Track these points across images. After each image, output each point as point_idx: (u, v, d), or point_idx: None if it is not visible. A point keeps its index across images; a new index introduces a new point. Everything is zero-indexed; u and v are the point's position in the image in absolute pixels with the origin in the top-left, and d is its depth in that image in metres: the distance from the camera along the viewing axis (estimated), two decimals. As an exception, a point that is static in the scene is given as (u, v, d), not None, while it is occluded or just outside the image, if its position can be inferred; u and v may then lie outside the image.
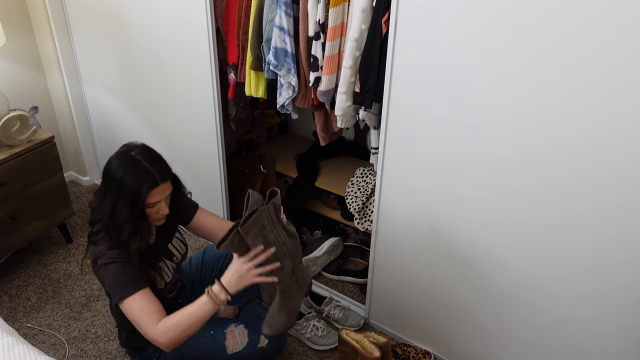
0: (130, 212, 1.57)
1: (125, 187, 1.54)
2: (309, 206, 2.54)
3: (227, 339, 1.82)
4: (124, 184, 1.54)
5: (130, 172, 1.55)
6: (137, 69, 2.38)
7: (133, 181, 1.54)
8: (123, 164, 1.56)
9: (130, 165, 1.56)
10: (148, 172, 1.56)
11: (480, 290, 1.81)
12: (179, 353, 1.82)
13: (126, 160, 1.57)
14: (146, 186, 1.55)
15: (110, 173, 1.57)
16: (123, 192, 1.55)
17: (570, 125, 1.40)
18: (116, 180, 1.55)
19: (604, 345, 1.64)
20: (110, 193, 1.57)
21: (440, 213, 1.77)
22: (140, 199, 1.56)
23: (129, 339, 1.85)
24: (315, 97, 1.94)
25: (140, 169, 1.56)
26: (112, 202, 1.57)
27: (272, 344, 1.85)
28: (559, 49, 1.33)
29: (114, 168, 1.57)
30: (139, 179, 1.55)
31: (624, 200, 1.41)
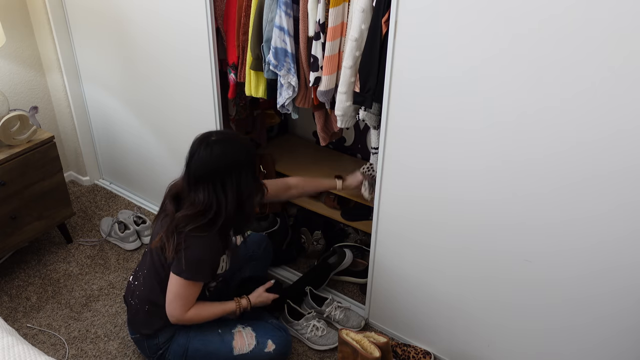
0: (253, 180, 1.73)
1: (241, 158, 1.69)
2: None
3: (235, 339, 1.83)
4: (239, 157, 1.68)
5: (235, 146, 1.69)
6: (137, 69, 2.38)
7: (242, 150, 1.70)
8: (224, 146, 1.67)
9: (228, 143, 1.69)
10: (242, 140, 1.74)
11: (481, 290, 1.81)
12: (184, 347, 1.83)
13: (222, 143, 1.68)
14: (252, 149, 1.76)
15: (220, 160, 1.66)
16: (241, 163, 1.68)
17: (570, 129, 1.40)
18: (231, 159, 1.67)
19: (604, 346, 1.64)
20: (228, 178, 1.66)
21: (440, 214, 1.77)
22: (255, 162, 1.75)
23: (143, 320, 1.86)
24: (315, 97, 1.94)
25: (236, 140, 1.72)
26: (235, 182, 1.67)
27: (279, 351, 1.86)
28: (560, 53, 1.33)
29: (221, 154, 1.66)
30: (244, 146, 1.71)
31: (624, 203, 1.41)
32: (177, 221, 1.69)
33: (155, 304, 1.83)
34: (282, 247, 2.49)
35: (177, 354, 1.84)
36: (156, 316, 1.83)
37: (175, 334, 1.85)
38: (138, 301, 1.87)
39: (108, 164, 2.94)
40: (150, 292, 1.84)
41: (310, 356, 2.10)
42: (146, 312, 1.85)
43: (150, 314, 1.84)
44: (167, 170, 2.57)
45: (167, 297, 1.76)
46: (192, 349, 1.83)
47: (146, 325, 1.85)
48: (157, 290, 1.81)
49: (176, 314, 1.77)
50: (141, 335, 1.89)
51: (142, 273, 1.87)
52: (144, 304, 1.85)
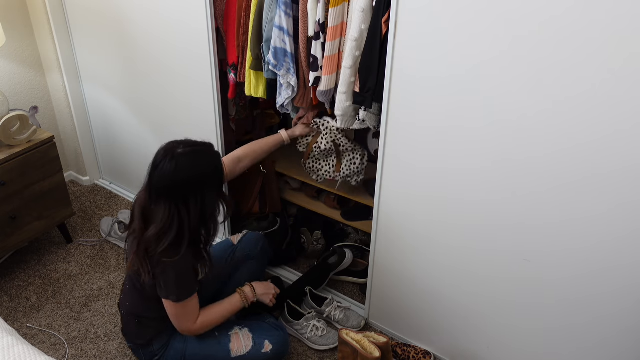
0: (218, 190, 1.66)
1: (207, 175, 1.60)
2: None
3: (232, 342, 1.83)
4: (205, 174, 1.60)
5: (202, 160, 1.61)
6: (137, 69, 2.38)
7: (210, 166, 1.62)
8: (190, 160, 1.59)
9: (195, 157, 1.60)
10: (209, 151, 1.65)
11: (481, 290, 1.81)
12: (182, 352, 1.82)
13: (188, 156, 1.59)
14: (220, 164, 1.65)
15: (184, 174, 1.57)
16: (207, 178, 1.60)
17: (569, 129, 1.40)
18: (196, 175, 1.58)
19: (603, 346, 1.64)
20: (191, 195, 1.58)
21: (440, 213, 1.77)
22: (222, 176, 1.65)
23: (135, 331, 1.85)
24: (314, 97, 1.94)
25: (204, 152, 1.63)
26: (200, 198, 1.59)
27: (276, 351, 1.86)
28: (560, 54, 1.33)
29: (186, 168, 1.57)
30: (212, 161, 1.63)
31: (624, 202, 1.41)
32: (146, 244, 1.63)
33: (142, 316, 1.83)
34: (282, 247, 2.49)
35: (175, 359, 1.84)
36: (146, 327, 1.83)
37: (170, 340, 1.84)
38: (126, 314, 1.87)
39: (108, 164, 2.94)
40: (134, 307, 1.84)
41: (310, 356, 2.09)
42: (136, 323, 1.84)
43: (140, 325, 1.84)
44: (167, 170, 2.57)
45: (170, 317, 1.75)
46: (190, 354, 1.82)
47: (138, 336, 1.85)
48: (141, 304, 1.81)
49: (186, 329, 1.77)
50: (135, 345, 1.89)
51: (125, 288, 1.87)
52: (132, 317, 1.85)
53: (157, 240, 1.60)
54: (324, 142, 2.08)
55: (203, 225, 1.66)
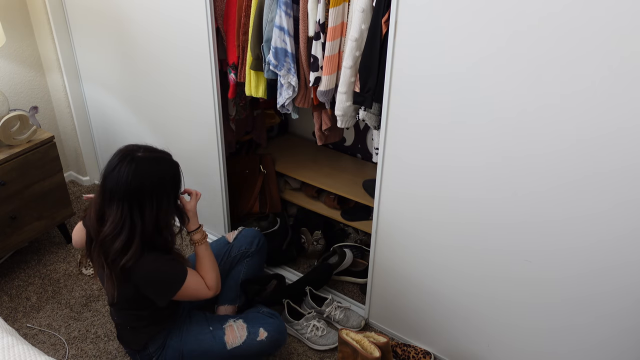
0: (174, 200, 1.65)
1: (165, 180, 1.59)
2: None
3: (226, 334, 1.83)
4: (163, 179, 1.58)
5: (162, 167, 1.59)
6: (137, 69, 2.38)
7: (169, 173, 1.60)
8: (151, 165, 1.56)
9: (155, 162, 1.58)
10: (169, 159, 1.63)
11: (481, 290, 1.81)
12: (179, 351, 1.82)
13: (148, 161, 1.57)
14: (179, 172, 1.64)
15: (143, 179, 1.54)
16: (165, 186, 1.59)
17: (570, 126, 1.40)
18: (154, 181, 1.56)
19: (604, 345, 1.64)
20: (147, 201, 1.56)
21: (440, 213, 1.77)
22: (180, 182, 1.64)
23: (129, 338, 1.85)
24: (315, 97, 1.94)
25: (164, 159, 1.61)
26: (155, 205, 1.57)
27: (272, 337, 1.85)
28: (559, 51, 1.33)
29: (144, 173, 1.54)
30: (171, 169, 1.61)
31: (625, 201, 1.41)
32: (101, 245, 1.58)
33: (133, 326, 1.82)
34: (282, 247, 2.49)
35: (173, 358, 1.84)
36: (141, 333, 1.82)
37: (167, 340, 1.84)
38: (117, 322, 1.88)
39: (108, 164, 2.94)
40: (124, 319, 1.84)
41: (310, 356, 2.10)
42: (129, 331, 1.84)
43: (134, 332, 1.83)
44: (167, 170, 2.57)
45: (194, 299, 1.78)
46: (188, 351, 1.82)
47: (133, 341, 1.85)
48: (128, 317, 1.81)
49: (209, 295, 1.78)
50: (131, 350, 1.89)
51: (111, 305, 1.85)
52: (125, 324, 1.85)
53: (112, 240, 1.57)
54: None
55: (157, 233, 1.61)
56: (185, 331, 1.83)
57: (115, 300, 1.67)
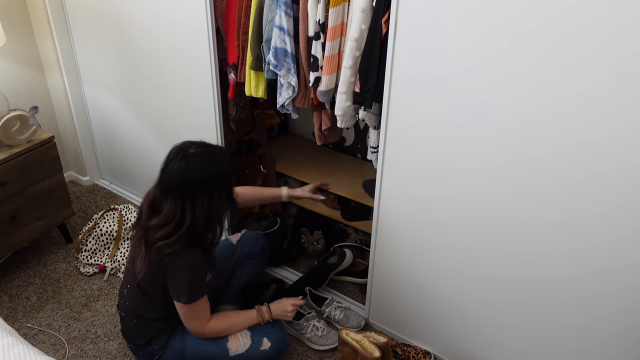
0: (226, 197, 1.68)
1: (217, 177, 1.63)
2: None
3: (230, 341, 1.83)
4: (215, 176, 1.62)
5: (213, 162, 1.63)
6: (136, 69, 2.38)
7: (220, 168, 1.64)
8: (202, 161, 1.61)
9: (207, 158, 1.62)
10: (222, 154, 1.67)
11: (481, 290, 1.81)
12: (180, 352, 1.83)
13: (199, 157, 1.61)
14: (229, 167, 1.67)
15: (194, 175, 1.60)
16: (216, 185, 1.63)
17: (570, 128, 1.40)
18: (205, 177, 1.61)
19: (604, 346, 1.64)
20: (199, 195, 1.61)
21: (440, 213, 1.77)
22: (231, 180, 1.67)
23: (134, 332, 1.86)
24: (315, 97, 1.94)
25: (215, 155, 1.65)
26: (207, 199, 1.62)
27: (275, 348, 1.86)
28: (560, 53, 1.33)
29: (195, 169, 1.60)
30: (223, 164, 1.64)
31: (625, 203, 1.41)
32: (146, 231, 1.67)
33: (141, 316, 1.83)
34: (282, 247, 2.49)
35: (175, 359, 1.84)
36: (145, 328, 1.84)
37: (169, 340, 1.84)
38: (125, 314, 1.88)
39: (108, 164, 2.94)
40: (134, 305, 1.84)
41: (310, 356, 2.10)
42: (135, 324, 1.85)
43: (139, 326, 1.84)
44: (167, 170, 2.57)
45: (182, 319, 1.78)
46: (189, 353, 1.82)
47: (137, 336, 1.86)
48: (142, 303, 1.81)
49: (197, 331, 1.79)
50: (135, 345, 1.89)
51: (126, 288, 1.87)
52: (132, 317, 1.85)
53: (156, 229, 1.64)
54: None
55: (208, 226, 1.67)
56: (187, 333, 1.83)
57: (139, 277, 1.70)
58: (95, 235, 2.44)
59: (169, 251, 1.64)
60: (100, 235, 2.44)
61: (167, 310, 1.79)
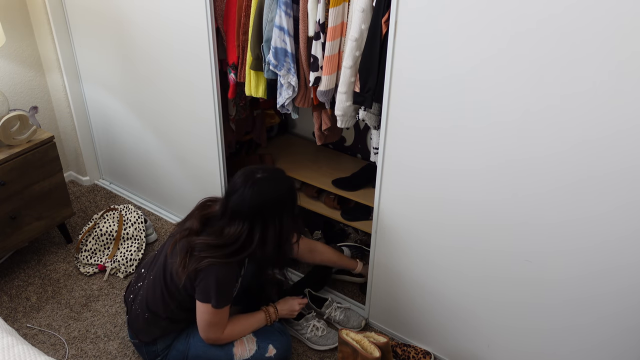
0: (292, 220, 1.76)
1: (286, 200, 1.72)
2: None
3: (235, 346, 1.83)
4: (284, 199, 1.72)
5: (281, 186, 1.73)
6: (136, 69, 2.38)
7: (288, 192, 1.74)
8: (271, 185, 1.70)
9: (276, 181, 1.72)
10: (284, 176, 1.77)
11: (481, 290, 1.81)
12: (183, 353, 1.82)
13: (267, 182, 1.69)
14: (294, 187, 1.79)
15: (265, 198, 1.68)
16: (286, 205, 1.72)
17: (571, 128, 1.40)
18: (275, 200, 1.70)
19: (604, 346, 1.64)
20: (270, 218, 1.69)
21: (440, 213, 1.77)
22: (296, 202, 1.77)
23: (142, 327, 1.85)
24: (315, 97, 1.94)
25: (280, 176, 1.75)
26: (278, 223, 1.71)
27: (280, 355, 1.86)
28: (560, 52, 1.33)
29: (268, 192, 1.68)
30: (289, 188, 1.75)
31: (626, 202, 1.40)
32: (194, 244, 1.71)
33: (155, 314, 1.82)
34: (282, 247, 2.49)
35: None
36: (155, 326, 1.83)
37: (174, 341, 1.84)
38: (139, 307, 1.86)
39: (108, 164, 2.94)
40: (153, 301, 1.82)
41: (310, 356, 2.10)
42: (145, 319, 1.84)
43: (150, 323, 1.83)
44: (167, 170, 2.57)
45: (200, 325, 1.78)
46: (192, 355, 1.82)
47: (145, 333, 1.85)
48: (160, 300, 1.80)
49: (213, 337, 1.80)
50: (140, 341, 1.89)
51: (149, 278, 1.85)
52: (145, 311, 1.84)
53: (213, 248, 1.68)
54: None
55: (278, 248, 1.74)
56: (192, 335, 1.83)
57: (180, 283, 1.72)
58: (95, 236, 2.44)
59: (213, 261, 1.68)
60: (100, 235, 2.44)
61: (181, 313, 1.80)
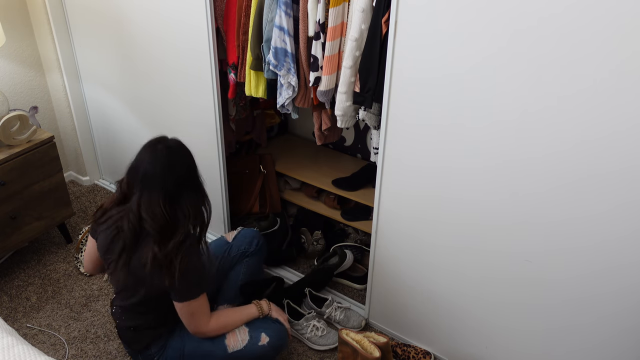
0: (201, 182, 1.75)
1: (194, 165, 1.73)
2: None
3: (227, 338, 1.83)
4: (193, 164, 1.73)
5: (187, 151, 1.74)
6: (137, 69, 2.38)
7: (190, 153, 1.74)
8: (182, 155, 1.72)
9: (181, 147, 1.74)
10: (180, 142, 1.77)
11: (481, 290, 1.81)
12: (180, 352, 1.82)
13: (177, 149, 1.72)
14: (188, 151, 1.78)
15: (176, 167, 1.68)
16: (195, 170, 1.72)
17: (570, 128, 1.40)
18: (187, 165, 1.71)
19: (604, 346, 1.64)
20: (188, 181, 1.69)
21: (440, 213, 1.77)
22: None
23: (132, 339, 1.85)
24: (315, 97, 1.94)
25: (181, 143, 1.76)
26: (194, 184, 1.71)
27: (273, 343, 1.85)
28: (560, 52, 1.33)
29: (179, 163, 1.69)
30: (188, 150, 1.75)
31: (625, 202, 1.40)
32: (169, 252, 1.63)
33: (137, 327, 1.82)
34: (282, 247, 2.49)
35: (174, 359, 1.84)
36: (143, 335, 1.83)
37: (168, 340, 1.84)
38: (120, 323, 1.87)
39: (108, 164, 2.94)
40: (129, 319, 1.83)
41: (310, 356, 2.10)
42: (132, 331, 1.84)
43: (136, 332, 1.84)
44: (167, 170, 2.57)
45: (184, 320, 1.76)
46: (188, 352, 1.82)
47: (136, 342, 1.85)
48: (136, 315, 1.81)
49: (201, 330, 1.77)
50: (133, 350, 1.89)
51: (116, 306, 1.86)
52: (128, 327, 1.85)
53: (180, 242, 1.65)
54: None
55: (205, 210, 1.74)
56: (186, 333, 1.83)
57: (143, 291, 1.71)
58: None
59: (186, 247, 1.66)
60: None
61: (161, 318, 1.80)
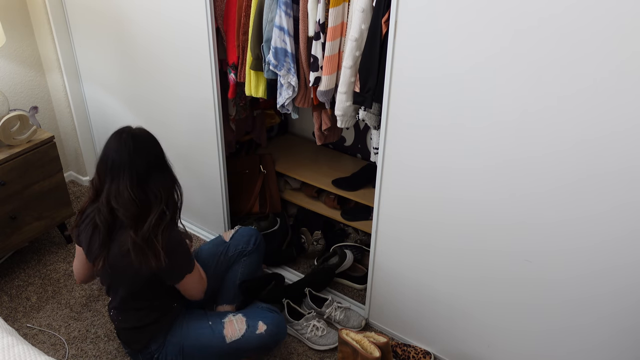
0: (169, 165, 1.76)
1: (160, 150, 1.73)
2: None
3: (225, 328, 1.84)
4: (160, 149, 1.73)
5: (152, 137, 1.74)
6: (137, 69, 2.38)
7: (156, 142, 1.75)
8: (147, 141, 1.72)
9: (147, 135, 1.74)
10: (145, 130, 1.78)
11: (481, 290, 1.81)
12: (180, 345, 1.83)
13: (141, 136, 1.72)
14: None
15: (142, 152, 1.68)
16: (162, 154, 1.73)
17: (570, 128, 1.40)
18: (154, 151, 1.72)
19: (604, 346, 1.64)
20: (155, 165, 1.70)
21: (440, 213, 1.77)
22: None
23: (131, 339, 1.86)
24: (315, 97, 1.94)
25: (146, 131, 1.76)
26: (162, 167, 1.72)
27: (271, 331, 1.85)
28: (560, 52, 1.33)
29: (146, 148, 1.70)
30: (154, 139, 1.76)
31: (625, 202, 1.40)
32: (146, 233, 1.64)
33: (135, 326, 1.83)
34: (282, 247, 2.49)
35: (174, 353, 1.84)
36: (142, 333, 1.83)
37: (167, 336, 1.84)
38: (118, 324, 1.89)
39: (108, 164, 2.93)
40: (126, 321, 1.85)
41: (310, 356, 2.10)
42: (131, 331, 1.85)
43: (136, 333, 1.84)
44: (167, 170, 2.57)
45: (190, 293, 1.82)
46: (188, 346, 1.83)
47: (135, 341, 1.86)
48: (130, 318, 1.83)
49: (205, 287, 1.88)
50: (133, 350, 1.89)
51: (115, 305, 1.86)
52: (127, 328, 1.86)
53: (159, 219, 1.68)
54: None
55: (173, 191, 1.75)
56: (185, 327, 1.84)
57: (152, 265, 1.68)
58: None
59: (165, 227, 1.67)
60: None
61: (156, 313, 1.81)
